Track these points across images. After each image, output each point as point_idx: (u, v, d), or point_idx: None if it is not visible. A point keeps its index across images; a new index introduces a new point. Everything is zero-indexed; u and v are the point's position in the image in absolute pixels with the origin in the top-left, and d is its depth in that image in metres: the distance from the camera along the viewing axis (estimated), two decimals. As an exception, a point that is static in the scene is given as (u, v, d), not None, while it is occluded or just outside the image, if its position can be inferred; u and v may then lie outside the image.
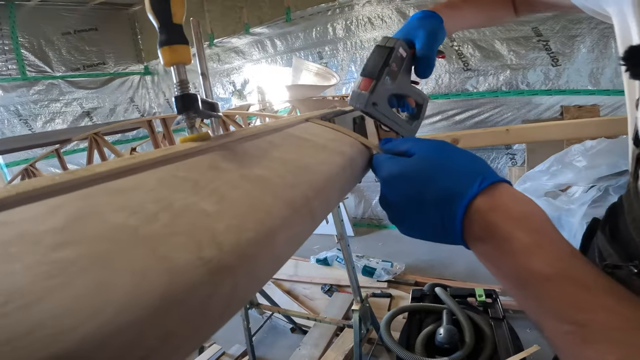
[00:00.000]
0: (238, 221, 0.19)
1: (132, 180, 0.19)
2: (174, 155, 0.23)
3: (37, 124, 3.92)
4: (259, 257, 0.19)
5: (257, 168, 0.25)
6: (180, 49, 0.27)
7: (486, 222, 0.28)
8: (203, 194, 0.20)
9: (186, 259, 0.16)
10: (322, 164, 0.31)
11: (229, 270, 0.17)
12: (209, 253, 0.17)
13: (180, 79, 0.28)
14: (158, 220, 0.17)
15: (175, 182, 0.20)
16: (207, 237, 0.17)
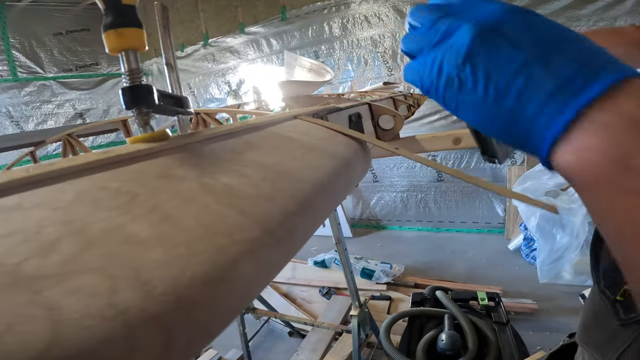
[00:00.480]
0: (183, 250, 0.14)
1: (38, 195, 0.14)
2: (113, 160, 0.18)
3: (29, 125, 3.85)
4: (212, 299, 0.14)
5: (224, 175, 0.20)
6: (130, 32, 0.22)
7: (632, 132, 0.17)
8: (139, 213, 0.15)
9: (88, 308, 0.11)
10: (309, 168, 0.25)
11: (160, 321, 0.12)
12: (127, 298, 0.11)
13: (129, 67, 0.23)
14: (56, 251, 0.12)
15: (103, 195, 0.15)
16: (127, 274, 0.12)
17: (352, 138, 0.38)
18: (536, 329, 1.93)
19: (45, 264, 0.11)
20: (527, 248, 2.63)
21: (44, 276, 0.10)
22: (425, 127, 3.12)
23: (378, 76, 3.25)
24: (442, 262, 2.78)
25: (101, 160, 0.17)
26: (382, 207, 3.60)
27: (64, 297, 0.10)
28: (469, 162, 3.12)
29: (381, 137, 0.79)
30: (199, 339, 0.13)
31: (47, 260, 0.11)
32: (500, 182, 3.06)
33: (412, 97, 1.69)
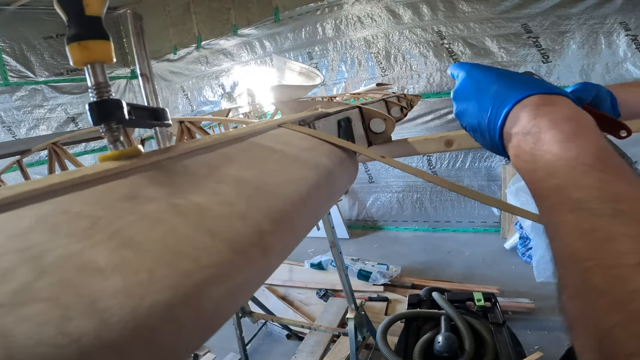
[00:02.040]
0: (143, 276, 0.13)
1: (-5, 223, 0.13)
2: (76, 181, 0.17)
3: (21, 130, 3.81)
4: (175, 326, 0.13)
5: (196, 193, 0.19)
6: (95, 45, 0.21)
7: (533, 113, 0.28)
8: (98, 238, 0.14)
9: (39, 336, 0.10)
10: (289, 181, 0.25)
11: (117, 349, 0.11)
12: (80, 327, 0.11)
13: (96, 81, 0.22)
14: (10, 280, 0.11)
15: (64, 220, 0.15)
16: (81, 302, 0.12)
17: (338, 146, 0.38)
18: (533, 329, 1.94)
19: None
20: (523, 247, 2.64)
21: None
22: (419, 127, 3.13)
23: (372, 77, 3.25)
24: (439, 262, 2.79)
25: (65, 182, 0.17)
26: (378, 208, 3.60)
27: (16, 325, 0.10)
28: (464, 162, 3.13)
29: (372, 140, 0.79)
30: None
31: (0, 289, 0.11)
32: (495, 181, 3.08)
33: (405, 98, 1.69)
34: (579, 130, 0.25)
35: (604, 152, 0.23)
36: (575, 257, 0.19)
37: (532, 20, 2.67)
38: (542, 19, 2.65)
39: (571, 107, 0.28)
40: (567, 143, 0.24)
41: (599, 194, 0.20)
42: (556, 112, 0.27)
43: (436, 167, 3.25)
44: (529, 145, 0.27)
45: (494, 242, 2.97)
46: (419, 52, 3.02)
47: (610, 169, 0.21)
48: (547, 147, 0.25)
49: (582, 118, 0.26)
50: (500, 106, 0.31)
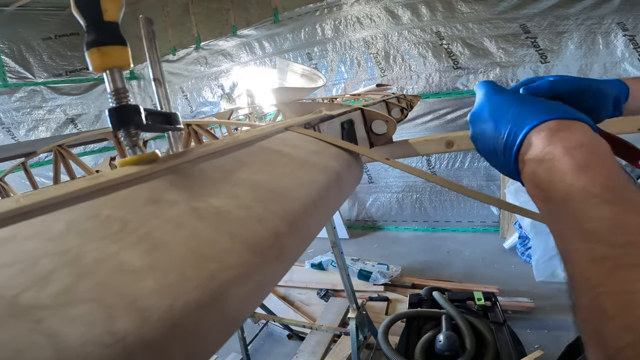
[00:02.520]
0: (175, 277, 0.14)
1: (31, 226, 0.14)
2: (102, 186, 0.18)
3: (20, 132, 3.80)
4: (204, 324, 0.14)
5: (214, 197, 0.20)
6: (114, 50, 0.22)
7: (548, 139, 0.28)
8: (130, 240, 0.15)
9: (87, 336, 0.11)
10: (300, 185, 0.26)
11: (156, 348, 0.12)
12: (125, 326, 0.12)
13: (115, 87, 0.22)
14: (52, 281, 0.12)
15: (94, 225, 0.15)
16: (123, 303, 0.12)
17: (343, 149, 0.39)
18: (533, 328, 1.94)
19: (42, 294, 0.11)
20: (522, 246, 2.65)
21: (42, 306, 0.11)
22: (419, 127, 3.14)
23: (371, 77, 3.26)
24: (438, 262, 2.80)
25: (91, 187, 0.17)
26: (378, 208, 3.61)
27: (64, 325, 0.11)
28: (463, 162, 3.14)
29: (374, 141, 0.80)
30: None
31: (44, 291, 0.11)
32: (494, 181, 3.09)
33: (405, 99, 1.70)
34: (592, 159, 0.25)
35: (615, 182, 0.23)
36: (587, 283, 0.20)
37: (530, 21, 2.69)
38: (540, 19, 2.66)
39: (587, 133, 0.28)
40: (579, 172, 0.24)
41: (610, 225, 0.21)
42: (571, 138, 0.27)
43: (435, 167, 3.26)
44: (543, 172, 0.27)
45: (493, 241, 2.98)
46: (418, 52, 3.03)
47: (620, 199, 0.22)
48: (560, 175, 0.25)
49: (597, 145, 0.26)
50: (516, 131, 0.31)
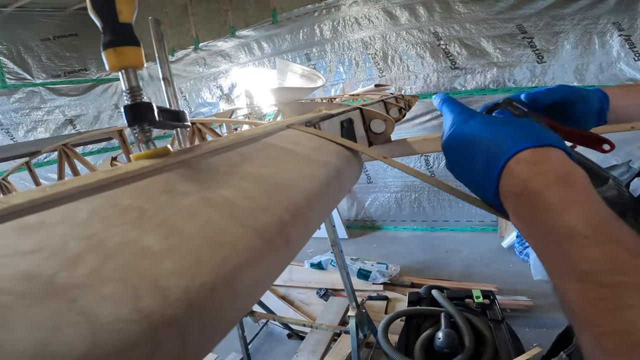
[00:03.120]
0: (191, 260, 0.15)
1: (57, 213, 0.15)
2: (120, 177, 0.19)
3: (19, 133, 3.80)
4: (217, 304, 0.15)
5: (223, 188, 0.21)
6: (129, 51, 0.23)
7: (525, 174, 0.27)
8: (148, 227, 0.16)
9: (117, 313, 0.12)
10: (302, 178, 0.27)
11: (177, 324, 0.13)
12: (149, 303, 0.13)
13: (130, 85, 0.24)
14: (82, 263, 0.13)
15: (115, 212, 0.16)
16: (146, 282, 0.13)
17: (343, 146, 0.40)
18: (531, 326, 1.96)
19: (74, 275, 0.12)
20: (521, 245, 2.67)
21: (75, 286, 0.12)
22: (417, 127, 3.16)
23: (369, 78, 3.28)
24: (437, 261, 2.81)
25: (110, 178, 0.18)
26: (377, 208, 3.63)
27: (96, 304, 0.12)
28: (461, 161, 3.16)
29: (373, 140, 0.81)
30: (206, 341, 0.15)
31: (75, 272, 0.13)
32: (492, 180, 3.11)
33: (403, 99, 1.71)
34: (574, 195, 0.24)
35: (601, 220, 0.23)
36: (588, 323, 0.21)
37: (526, 21, 2.71)
38: (536, 19, 2.69)
39: (563, 162, 0.27)
40: (564, 210, 0.24)
41: (604, 267, 0.21)
42: (549, 171, 0.26)
43: (434, 167, 3.28)
44: (526, 208, 0.27)
45: (491, 241, 3.00)
46: (416, 53, 3.05)
47: (610, 239, 0.22)
48: (544, 213, 0.25)
49: (576, 177, 0.26)
50: (492, 165, 0.30)
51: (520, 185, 0.27)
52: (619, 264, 0.21)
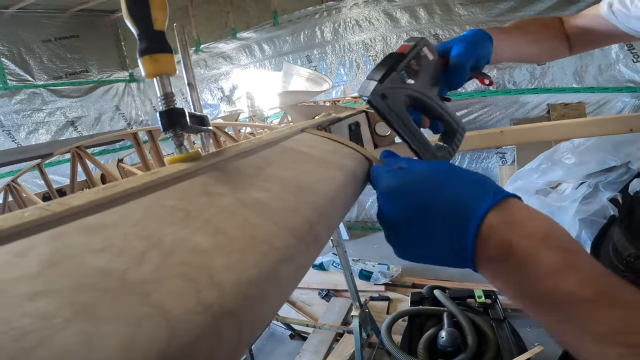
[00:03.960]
0: (238, 256, 0.17)
1: (114, 214, 0.17)
2: (162, 180, 0.20)
3: (20, 134, 3.81)
4: (263, 296, 0.17)
5: (253, 190, 0.23)
6: (164, 58, 0.24)
7: (503, 239, 0.25)
8: (196, 226, 0.17)
9: (185, 306, 0.14)
10: (322, 180, 0.28)
11: (234, 314, 0.15)
12: (209, 296, 0.14)
13: (164, 91, 0.25)
14: (147, 260, 0.15)
15: (164, 213, 0.18)
16: (204, 277, 0.15)
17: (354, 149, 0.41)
18: (533, 325, 1.97)
19: (141, 271, 0.14)
20: (520, 245, 2.68)
21: (145, 281, 0.13)
22: (417, 128, 3.17)
23: (370, 79, 3.30)
24: (437, 261, 2.82)
25: (154, 181, 0.20)
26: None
27: (166, 297, 0.13)
28: (461, 163, 3.18)
29: (378, 143, 0.83)
30: (257, 329, 0.16)
31: (142, 268, 0.14)
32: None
33: (404, 100, 1.72)
34: (565, 259, 0.24)
35: (599, 281, 0.23)
36: None
37: (526, 23, 2.73)
38: (536, 21, 2.71)
39: (533, 218, 0.26)
40: (559, 277, 0.23)
41: (618, 328, 0.21)
42: (529, 234, 0.25)
43: (434, 167, 3.29)
44: (513, 273, 0.25)
45: (491, 241, 3.00)
46: (417, 54, 3.07)
47: (612, 300, 0.22)
48: (537, 280, 0.24)
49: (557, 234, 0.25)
50: (461, 236, 0.27)
51: (504, 252, 0.25)
52: (633, 324, 0.21)
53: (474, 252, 0.26)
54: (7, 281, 0.12)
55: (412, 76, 0.42)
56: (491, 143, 0.84)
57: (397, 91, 0.41)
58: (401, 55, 0.42)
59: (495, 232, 0.26)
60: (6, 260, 0.13)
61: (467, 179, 0.29)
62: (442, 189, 0.28)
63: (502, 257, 0.25)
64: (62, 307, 0.12)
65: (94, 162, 0.64)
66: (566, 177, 2.11)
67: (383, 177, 0.33)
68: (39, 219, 0.15)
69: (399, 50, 0.43)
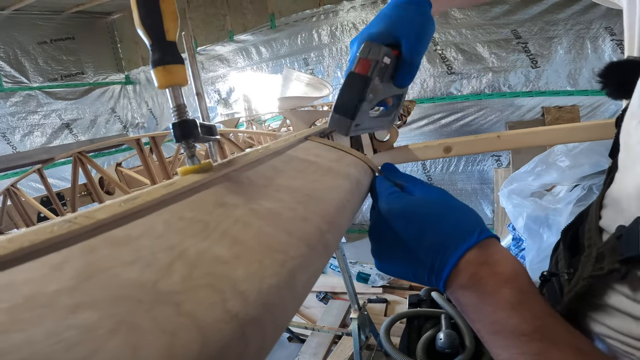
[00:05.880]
0: (257, 266, 0.18)
1: (138, 226, 0.18)
2: (178, 192, 0.21)
3: (16, 137, 3.78)
4: (283, 303, 0.17)
5: (265, 200, 0.24)
6: (176, 69, 0.25)
7: (475, 274, 0.30)
8: (215, 237, 0.18)
9: (214, 315, 0.14)
10: (330, 189, 0.29)
11: (257, 322, 0.16)
12: (235, 305, 0.15)
13: (177, 103, 0.26)
14: (175, 272, 0.15)
15: (184, 225, 0.19)
16: (229, 287, 0.16)
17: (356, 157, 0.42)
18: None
19: (171, 282, 0.14)
20: (516, 248, 2.71)
21: (176, 292, 0.14)
22: (414, 132, 3.20)
23: (367, 82, 3.32)
24: (434, 263, 2.83)
25: (171, 193, 0.21)
26: (375, 211, 3.65)
27: (197, 307, 0.14)
28: (457, 166, 3.21)
29: (377, 148, 0.84)
30: (278, 335, 0.17)
31: (171, 279, 0.15)
32: (488, 184, 3.16)
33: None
34: (520, 299, 0.28)
35: (540, 322, 0.27)
36: None
37: (521, 26, 2.77)
38: (530, 24, 2.75)
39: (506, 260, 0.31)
40: (511, 312, 0.28)
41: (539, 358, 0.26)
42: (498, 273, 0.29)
43: (430, 171, 3.32)
44: (474, 301, 0.30)
45: (488, 242, 3.02)
46: (413, 58, 3.09)
47: (543, 336, 0.27)
48: (492, 311, 0.28)
49: (520, 278, 0.29)
50: (441, 263, 0.31)
51: (471, 284, 0.30)
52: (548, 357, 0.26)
53: (447, 278, 0.31)
54: (49, 294, 0.13)
55: (375, 92, 0.42)
56: (489, 147, 0.85)
57: (363, 112, 0.42)
58: (365, 78, 0.40)
59: (470, 266, 0.30)
60: (44, 273, 0.14)
61: (460, 214, 0.33)
62: (438, 220, 0.32)
63: (469, 285, 0.30)
64: (103, 318, 0.12)
65: (95, 167, 0.64)
66: (561, 180, 2.14)
67: (385, 198, 0.35)
68: (67, 232, 0.16)
69: (358, 68, 0.41)
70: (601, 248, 0.32)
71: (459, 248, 0.30)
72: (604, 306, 0.31)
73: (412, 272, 0.33)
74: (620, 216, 0.32)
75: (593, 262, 0.32)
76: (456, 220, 0.32)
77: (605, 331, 0.31)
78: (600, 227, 0.35)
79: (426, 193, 0.35)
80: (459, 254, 0.30)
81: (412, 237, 0.32)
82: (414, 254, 0.32)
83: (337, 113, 0.41)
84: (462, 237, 0.31)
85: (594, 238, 0.35)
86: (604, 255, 0.31)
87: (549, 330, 0.27)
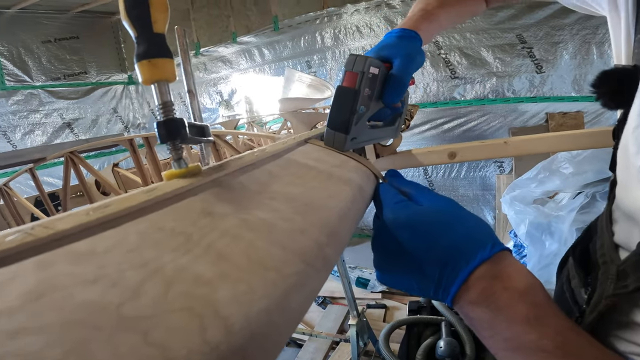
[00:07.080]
0: (244, 287, 0.15)
1: (106, 239, 0.15)
2: (160, 199, 0.19)
3: (16, 135, 3.77)
4: (273, 329, 0.15)
5: (257, 209, 0.21)
6: (163, 63, 0.22)
7: (487, 289, 0.28)
8: (197, 252, 0.16)
9: (189, 345, 0.12)
10: (330, 197, 0.27)
11: (242, 354, 0.13)
12: (216, 334, 0.13)
13: (163, 100, 0.23)
14: (145, 293, 0.13)
15: (163, 237, 0.16)
16: (209, 312, 0.13)
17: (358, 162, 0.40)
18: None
19: (139, 305, 0.12)
20: (518, 255, 2.67)
21: (144, 317, 0.12)
22: (416, 137, 3.18)
23: (370, 86, 3.30)
24: (435, 269, 2.80)
25: (151, 200, 0.18)
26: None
27: (168, 336, 0.12)
28: (459, 172, 3.18)
29: (380, 153, 0.82)
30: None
31: (140, 302, 0.12)
32: (490, 190, 3.13)
33: (405, 108, 1.72)
34: (537, 313, 0.26)
35: (562, 337, 0.25)
36: None
37: (526, 31, 2.75)
38: (536, 29, 2.73)
39: (519, 273, 0.29)
40: (527, 328, 0.26)
41: None
42: (511, 287, 0.27)
43: (432, 176, 3.29)
44: (486, 317, 0.28)
45: (489, 249, 2.99)
46: (416, 62, 3.08)
47: (570, 354, 0.25)
48: (507, 327, 0.27)
49: (535, 290, 0.28)
50: (449, 279, 0.29)
51: (482, 300, 0.28)
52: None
53: (456, 293, 0.29)
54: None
55: (367, 104, 0.42)
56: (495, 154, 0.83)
57: (359, 125, 0.42)
58: (353, 91, 0.41)
59: (481, 281, 0.28)
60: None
61: (470, 225, 0.31)
62: (447, 232, 0.30)
63: (481, 301, 0.28)
64: (50, 346, 0.10)
65: (88, 168, 0.62)
66: (564, 187, 2.11)
67: (391, 207, 0.33)
68: (22, 244, 0.14)
69: (345, 82, 0.42)
70: (622, 265, 0.30)
71: (470, 262, 0.28)
72: (630, 324, 0.29)
73: (417, 285, 0.31)
74: (637, 230, 0.30)
75: (614, 279, 0.30)
76: (467, 232, 0.30)
77: (632, 349, 0.29)
78: (615, 244, 0.34)
79: (434, 202, 0.33)
80: (470, 269, 0.28)
81: (419, 249, 0.30)
82: (421, 266, 0.30)
83: (332, 128, 0.41)
84: (473, 251, 0.29)
85: (610, 255, 0.33)
86: (626, 273, 0.29)
87: (572, 345, 0.25)
